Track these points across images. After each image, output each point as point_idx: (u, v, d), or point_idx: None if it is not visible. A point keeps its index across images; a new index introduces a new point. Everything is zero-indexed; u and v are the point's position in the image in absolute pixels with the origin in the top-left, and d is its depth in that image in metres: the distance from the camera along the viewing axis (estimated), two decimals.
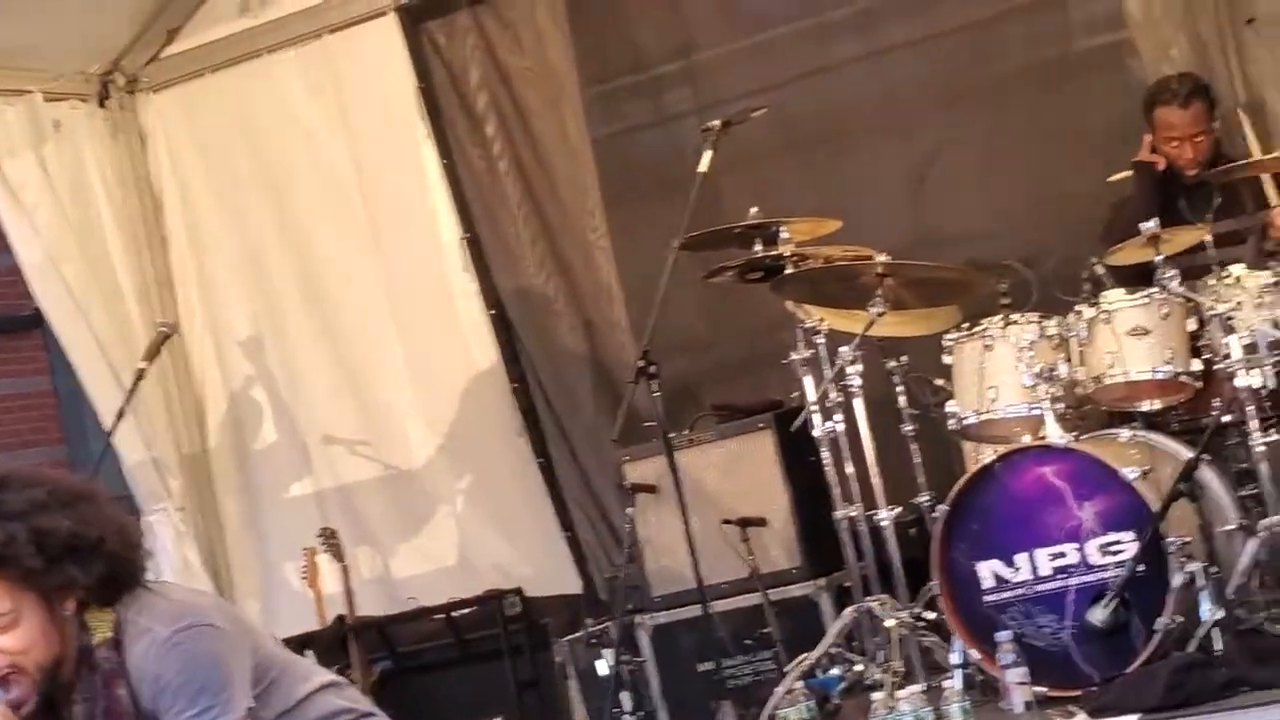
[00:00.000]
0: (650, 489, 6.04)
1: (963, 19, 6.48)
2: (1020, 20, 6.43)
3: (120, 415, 6.50)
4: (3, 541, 2.90)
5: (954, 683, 4.69)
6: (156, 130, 7.68)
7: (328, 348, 7.51)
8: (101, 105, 7.58)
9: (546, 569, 7.32)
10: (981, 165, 6.39)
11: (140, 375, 6.63)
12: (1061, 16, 6.43)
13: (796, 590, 5.78)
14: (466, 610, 7.28)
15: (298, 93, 7.45)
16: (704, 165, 5.26)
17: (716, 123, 5.44)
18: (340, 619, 6.72)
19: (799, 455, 5.91)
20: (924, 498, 5.54)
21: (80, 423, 10.39)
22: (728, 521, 5.83)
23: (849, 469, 5.38)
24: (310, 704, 3.20)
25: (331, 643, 6.65)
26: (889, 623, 5.09)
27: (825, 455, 5.43)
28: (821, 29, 6.78)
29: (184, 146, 7.66)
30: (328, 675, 3.31)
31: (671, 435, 5.68)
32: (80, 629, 2.99)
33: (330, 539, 6.97)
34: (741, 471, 5.96)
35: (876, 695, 4.72)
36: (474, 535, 7.49)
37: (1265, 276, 4.70)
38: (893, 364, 5.53)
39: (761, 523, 5.88)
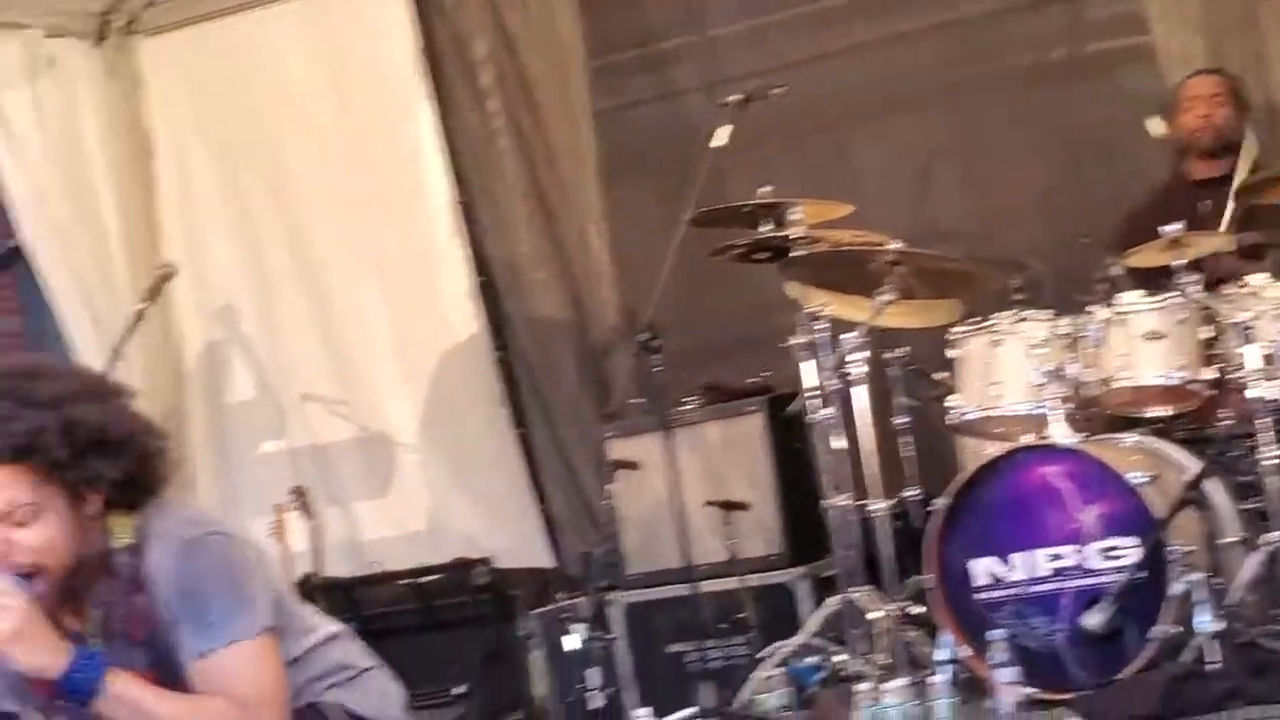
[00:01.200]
0: (632, 466, 5.99)
1: (979, 8, 6.45)
2: (1035, 14, 6.40)
3: (116, 355, 6.39)
4: (31, 430, 2.81)
5: (940, 678, 4.63)
6: (151, 74, 7.57)
7: (311, 305, 7.44)
8: (98, 45, 7.46)
9: (517, 541, 7.26)
10: (993, 158, 6.37)
11: (140, 316, 6.55)
12: (1078, 11, 6.40)
13: (775, 577, 5.73)
14: (435, 577, 7.22)
15: (296, 46, 7.35)
16: (721, 140, 5.20)
17: (737, 97, 5.38)
18: (307, 577, 6.65)
19: (787, 441, 5.87)
20: (913, 491, 5.49)
21: None
22: (710, 503, 5.78)
23: (842, 458, 5.32)
24: (313, 657, 3.13)
25: None
26: (874, 615, 5.03)
27: (819, 442, 5.36)
28: (833, 12, 6.74)
29: (178, 93, 7.56)
30: (332, 626, 3.23)
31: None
32: (102, 533, 2.92)
33: (301, 497, 6.91)
34: (727, 454, 5.91)
35: (861, 687, 4.67)
36: (446, 502, 7.43)
37: None
38: (890, 355, 5.48)
39: (744, 507, 5.83)
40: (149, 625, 2.89)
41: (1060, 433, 4.75)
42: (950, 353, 5.11)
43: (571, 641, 6.00)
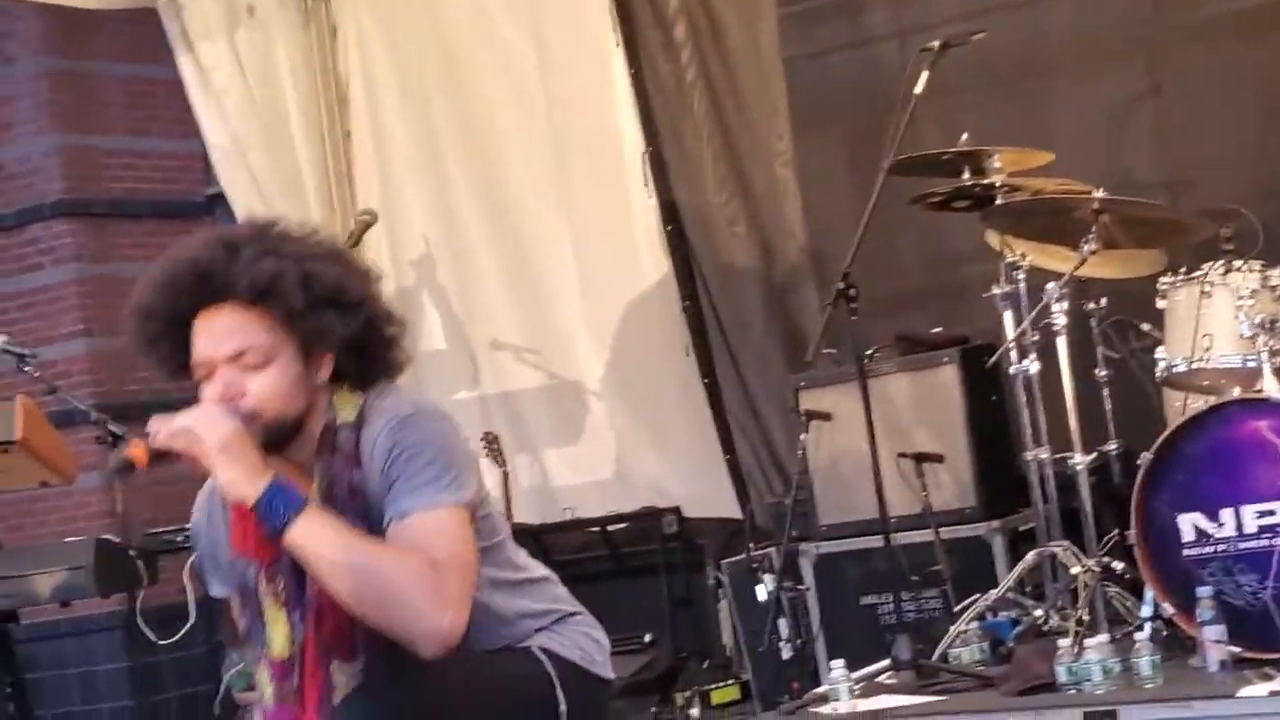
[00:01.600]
0: (825, 416, 5.96)
1: None
2: None
3: None
4: (272, 274, 2.86)
5: (1143, 635, 4.57)
6: (347, 24, 7.65)
7: (502, 253, 7.49)
8: None
9: (703, 491, 7.27)
10: (1192, 107, 6.20)
11: None
12: None
13: (968, 530, 5.67)
14: (623, 525, 7.29)
15: None
16: (919, 87, 5.13)
17: (936, 43, 5.31)
18: None
19: (982, 393, 5.81)
20: (1113, 445, 5.40)
21: None
22: (903, 455, 5.74)
23: (1041, 411, 5.25)
24: (523, 592, 3.14)
25: None
26: (1075, 569, 4.97)
27: (1017, 395, 5.30)
28: None
29: (373, 42, 7.63)
30: (542, 569, 3.25)
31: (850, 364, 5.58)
32: (329, 406, 2.95)
33: (492, 444, 6.99)
34: (921, 405, 5.85)
35: (1061, 642, 4.62)
36: (633, 451, 7.46)
37: None
38: (1091, 306, 5.39)
39: (939, 459, 5.77)
40: (364, 501, 2.90)
41: (1272, 386, 4.63)
42: (1159, 304, 5.01)
43: (762, 592, 6.02)
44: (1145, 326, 5.21)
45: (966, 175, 5.32)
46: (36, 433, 4.57)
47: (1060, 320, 5.04)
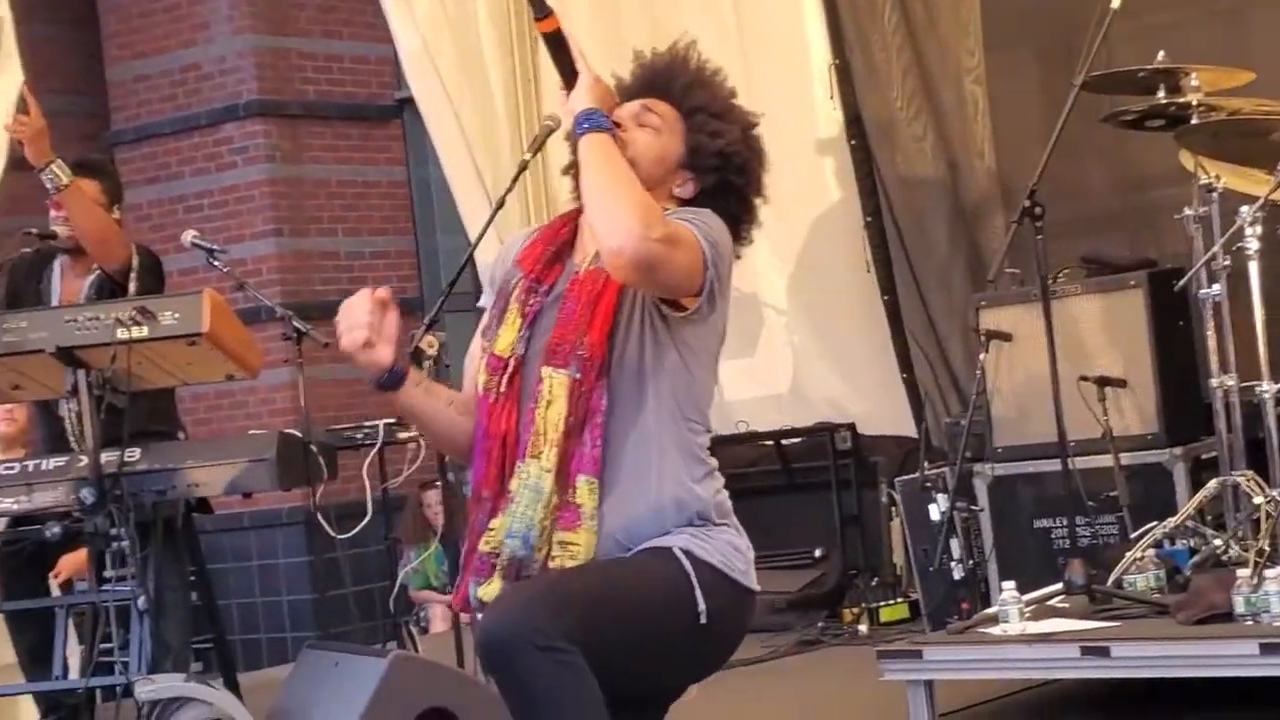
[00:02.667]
0: (1005, 337, 5.88)
1: None
2: None
3: (500, 204, 6.54)
4: (698, 86, 3.26)
5: None
6: None
7: None
8: None
9: (879, 408, 7.25)
10: None
11: (524, 166, 6.63)
12: None
13: (1150, 456, 5.59)
14: (796, 440, 7.29)
15: None
16: (1117, 2, 4.99)
17: None
18: None
19: (1169, 319, 5.70)
20: None
21: (429, 214, 10.65)
22: (1084, 379, 5.65)
23: (1229, 337, 5.12)
24: (698, 464, 3.12)
25: None
26: (1258, 499, 4.86)
27: (1205, 320, 5.17)
28: None
29: None
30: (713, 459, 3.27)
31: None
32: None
33: None
34: (1106, 329, 5.76)
35: (1241, 572, 4.53)
36: (810, 366, 7.45)
37: None
38: None
39: (1121, 384, 5.68)
40: None
41: None
42: None
43: (935, 511, 5.99)
44: None
45: (1162, 94, 5.18)
46: (223, 326, 4.66)
47: (1253, 245, 4.90)
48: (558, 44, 3.14)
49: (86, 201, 5.16)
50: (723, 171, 3.25)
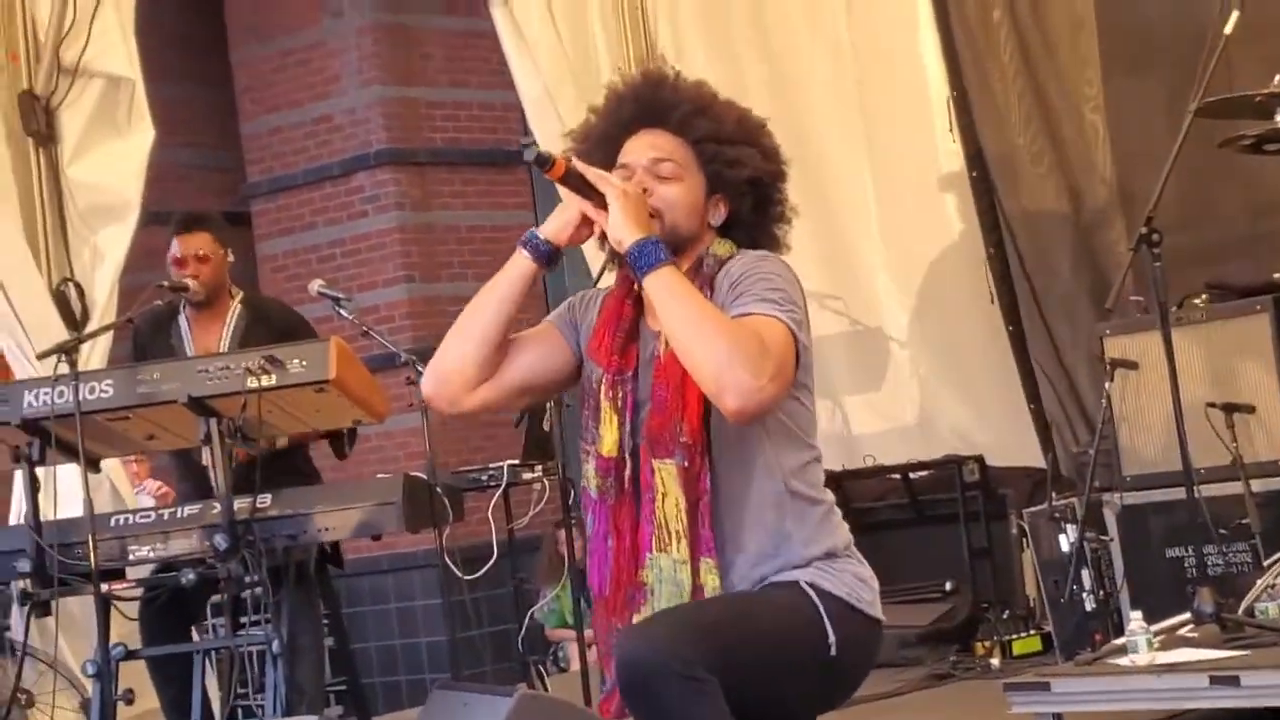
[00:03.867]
0: (1131, 365, 5.83)
1: None
2: None
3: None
4: (698, 111, 3.20)
5: None
6: None
7: (805, 199, 7.39)
8: None
9: (1007, 439, 7.21)
10: None
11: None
12: None
13: None
14: (924, 473, 7.27)
15: None
16: (1229, 26, 4.96)
17: None
18: None
19: None
20: None
21: None
22: (1213, 405, 5.59)
23: None
24: (812, 506, 3.18)
25: None
26: None
27: None
28: None
29: None
30: (829, 494, 3.29)
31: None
32: (709, 243, 3.21)
33: None
34: (1232, 354, 5.68)
35: None
36: (936, 399, 7.44)
37: None
38: None
39: (1250, 409, 5.60)
40: None
41: None
42: None
43: (1065, 542, 5.94)
44: None
45: (1279, 118, 5.13)
46: (349, 372, 4.74)
47: None
48: (574, 180, 3.10)
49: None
50: (755, 194, 3.23)
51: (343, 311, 5.82)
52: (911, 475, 7.30)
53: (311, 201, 10.53)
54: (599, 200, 3.08)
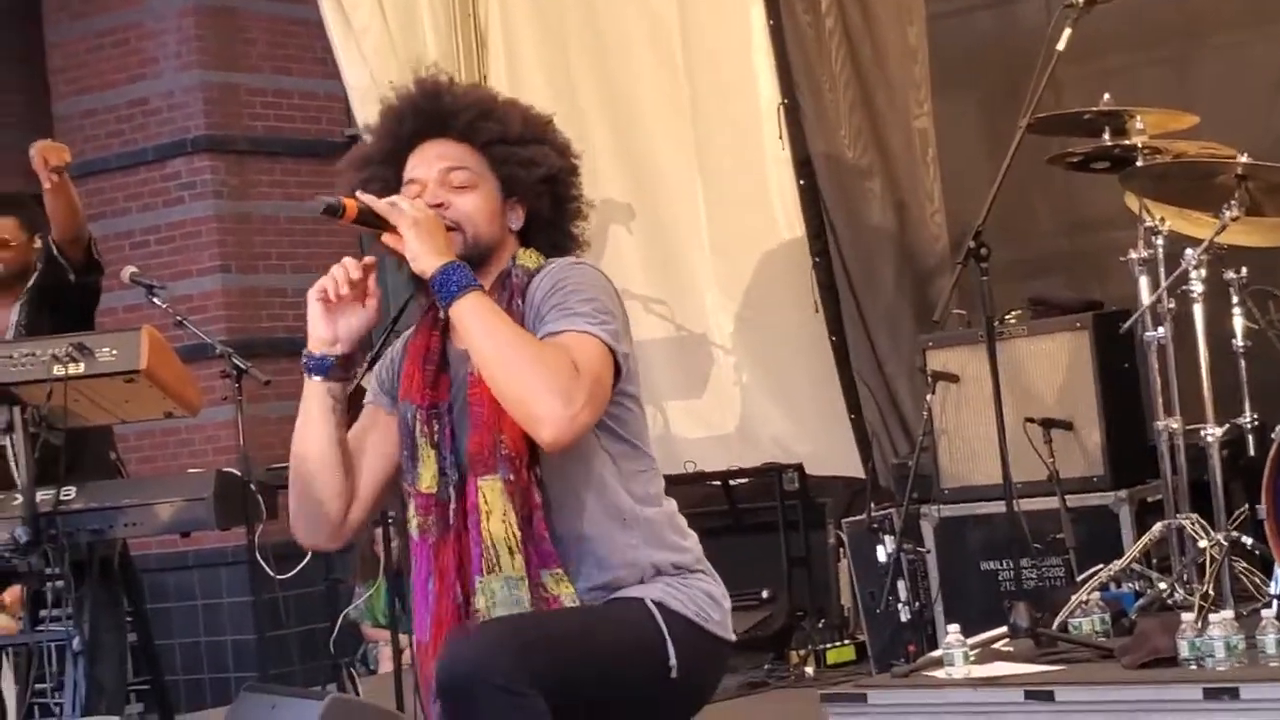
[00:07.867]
0: (952, 378, 5.89)
1: None
2: None
3: None
4: (483, 114, 3.14)
5: (1270, 612, 4.45)
6: None
7: (634, 203, 7.46)
8: None
9: (827, 449, 7.22)
10: None
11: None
12: None
13: (1096, 499, 5.59)
14: (744, 480, 7.26)
15: None
16: (1062, 43, 5.01)
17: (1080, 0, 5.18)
18: None
19: (1114, 360, 5.71)
20: (1247, 418, 5.25)
21: (380, 250, 10.59)
22: (1030, 420, 5.65)
23: (1174, 380, 5.12)
24: (652, 515, 3.11)
25: None
26: (1203, 543, 4.85)
27: (1150, 363, 5.17)
28: None
29: None
30: (672, 502, 3.24)
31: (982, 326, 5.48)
32: (513, 251, 3.13)
33: None
34: (1051, 371, 5.76)
35: (1186, 616, 4.51)
36: (758, 406, 7.43)
37: None
38: (1231, 274, 5.24)
39: (1067, 426, 5.68)
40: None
41: None
42: None
43: (882, 553, 5.97)
44: None
45: (1107, 136, 5.20)
46: (161, 363, 4.60)
47: (1198, 288, 4.91)
48: (368, 217, 3.01)
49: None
50: (551, 192, 3.16)
51: (156, 300, 5.66)
52: (731, 483, 7.29)
53: (126, 186, 10.24)
54: (391, 229, 2.99)
